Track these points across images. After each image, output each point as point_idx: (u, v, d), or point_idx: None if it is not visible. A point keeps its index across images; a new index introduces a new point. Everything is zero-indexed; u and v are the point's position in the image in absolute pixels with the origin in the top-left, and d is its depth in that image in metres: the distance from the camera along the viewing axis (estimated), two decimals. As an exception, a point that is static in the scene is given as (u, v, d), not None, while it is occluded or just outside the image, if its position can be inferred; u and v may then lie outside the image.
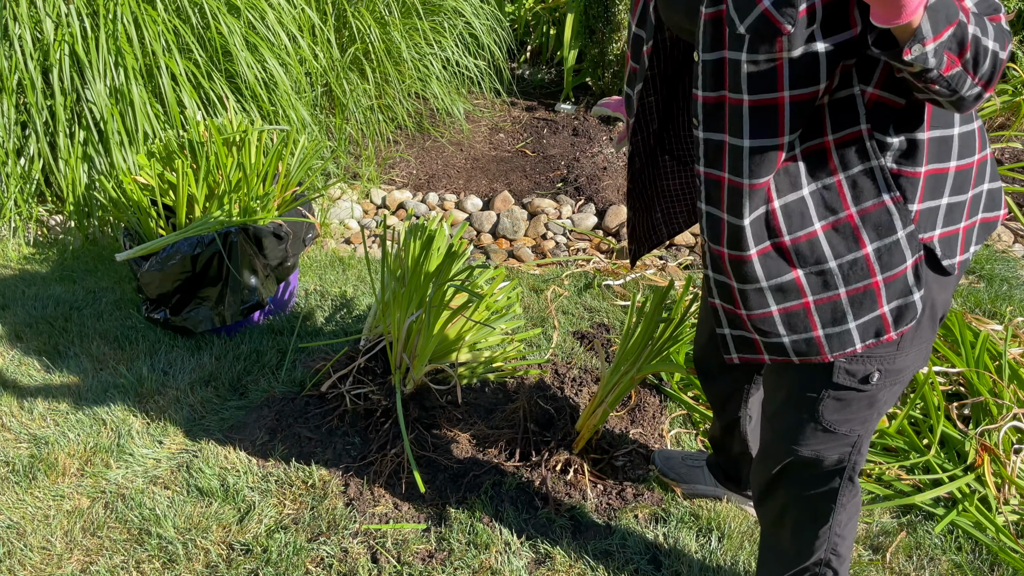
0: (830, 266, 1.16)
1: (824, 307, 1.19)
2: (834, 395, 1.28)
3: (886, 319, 1.18)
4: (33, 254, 3.24)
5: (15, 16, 2.94)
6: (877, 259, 1.14)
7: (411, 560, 1.84)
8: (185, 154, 2.63)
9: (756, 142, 1.08)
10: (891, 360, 1.24)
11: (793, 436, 1.35)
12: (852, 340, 1.20)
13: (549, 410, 2.19)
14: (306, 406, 2.29)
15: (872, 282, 1.16)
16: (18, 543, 1.89)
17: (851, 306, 1.18)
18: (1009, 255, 3.08)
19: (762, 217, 1.15)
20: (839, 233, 1.14)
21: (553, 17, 4.77)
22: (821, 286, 1.17)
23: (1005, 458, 2.02)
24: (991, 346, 2.33)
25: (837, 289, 1.17)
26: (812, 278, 1.17)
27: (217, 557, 1.85)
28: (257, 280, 2.57)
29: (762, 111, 1.06)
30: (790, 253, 1.16)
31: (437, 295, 2.05)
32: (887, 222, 1.13)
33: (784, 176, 1.13)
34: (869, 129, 1.09)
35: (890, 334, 1.19)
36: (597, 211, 3.47)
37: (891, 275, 1.16)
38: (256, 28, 3.23)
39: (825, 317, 1.19)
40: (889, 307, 1.17)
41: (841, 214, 1.13)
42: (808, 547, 1.45)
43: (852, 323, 1.19)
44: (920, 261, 1.16)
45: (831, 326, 1.20)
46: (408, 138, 4.16)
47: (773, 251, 1.17)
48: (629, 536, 1.89)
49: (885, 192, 1.12)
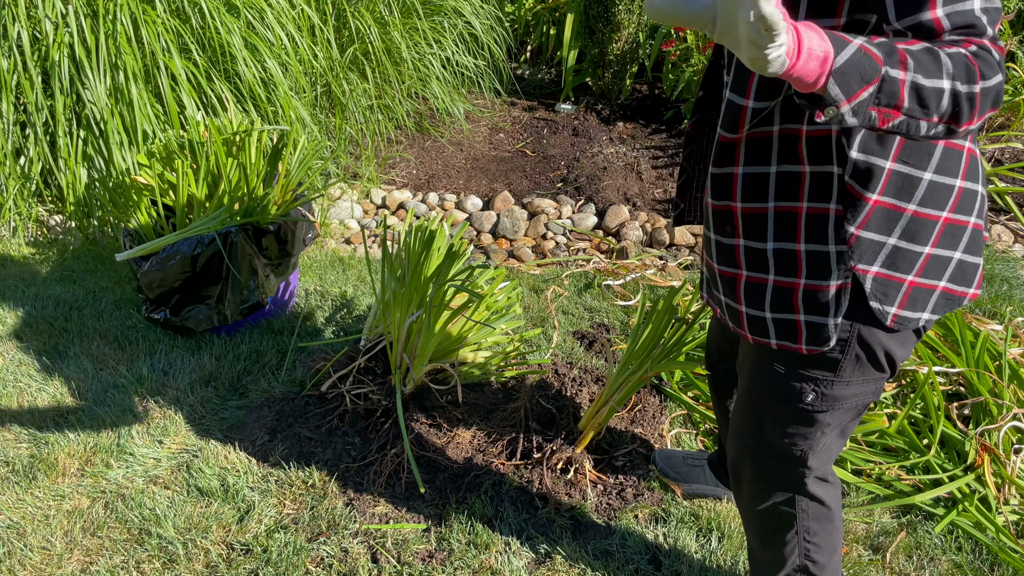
0: (766, 247, 1.18)
1: (752, 285, 1.22)
2: (775, 404, 1.30)
3: (800, 327, 1.19)
4: (33, 254, 3.24)
5: (14, 16, 2.94)
6: (806, 260, 1.15)
7: (411, 560, 1.84)
8: (185, 154, 2.63)
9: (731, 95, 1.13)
10: (828, 385, 1.24)
11: (743, 437, 1.39)
12: (768, 331, 1.23)
13: (551, 409, 2.19)
14: (306, 406, 2.29)
15: (795, 282, 1.17)
16: (18, 543, 1.89)
17: (772, 295, 1.20)
18: (1009, 255, 3.08)
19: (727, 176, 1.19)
20: (784, 220, 1.15)
21: (553, 17, 4.77)
22: (754, 263, 1.20)
23: (1005, 458, 2.02)
24: (991, 346, 2.33)
25: (767, 274, 1.19)
26: (749, 251, 1.20)
27: (217, 557, 1.85)
28: (257, 280, 2.57)
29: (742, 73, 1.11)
30: (738, 220, 1.19)
31: (437, 295, 2.05)
32: (823, 229, 1.13)
33: (755, 148, 1.14)
34: (838, 132, 1.08)
35: (800, 346, 1.20)
36: (597, 211, 3.47)
37: (814, 285, 1.15)
38: (255, 28, 3.23)
39: (750, 296, 1.22)
40: (804, 318, 1.18)
41: (794, 203, 1.14)
42: (779, 552, 1.45)
43: (768, 313, 1.21)
44: (844, 288, 1.14)
45: (752, 307, 1.23)
46: (408, 138, 4.16)
47: (723, 212, 1.21)
48: (629, 536, 1.89)
49: (832, 201, 1.11)
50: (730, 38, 0.83)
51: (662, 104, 4.36)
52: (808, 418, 1.28)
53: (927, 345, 2.37)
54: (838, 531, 1.44)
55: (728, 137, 1.16)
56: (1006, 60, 4.01)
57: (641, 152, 3.88)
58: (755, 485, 1.41)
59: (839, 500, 1.43)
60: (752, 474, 1.40)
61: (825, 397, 1.24)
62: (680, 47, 3.99)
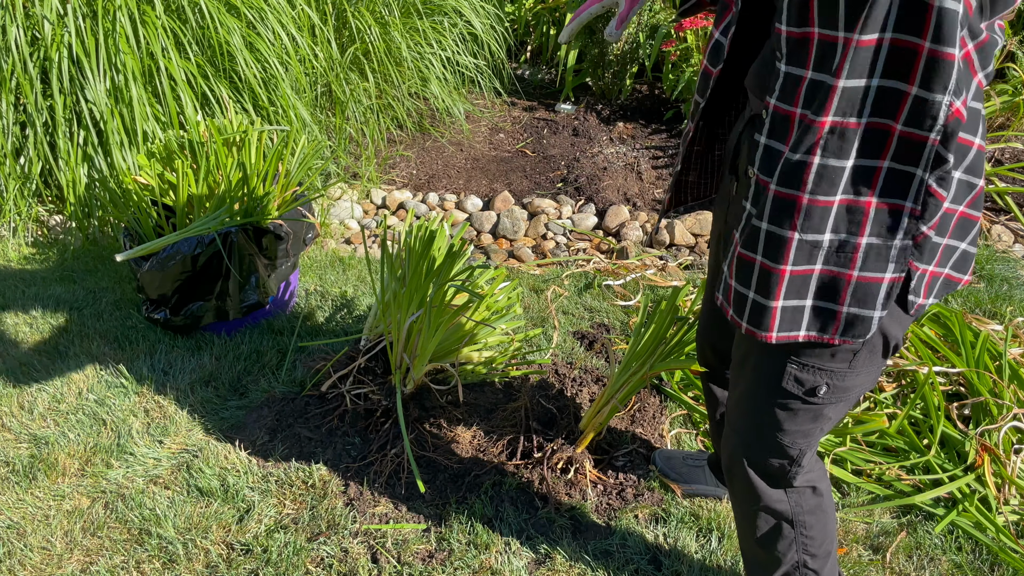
0: (823, 238, 1.14)
1: (795, 279, 1.18)
2: (780, 402, 1.28)
3: (839, 318, 1.17)
4: (33, 254, 3.24)
5: (13, 16, 2.94)
6: (865, 253, 1.13)
7: (411, 560, 1.84)
8: (185, 154, 2.63)
9: (817, 75, 1.07)
10: (841, 377, 1.24)
11: (741, 434, 1.37)
12: (799, 323, 1.19)
13: (551, 409, 2.19)
14: (306, 406, 2.29)
15: (847, 274, 1.15)
16: (18, 543, 1.89)
17: (816, 285, 1.17)
18: (1009, 255, 3.08)
19: (801, 164, 1.12)
20: (850, 212, 1.12)
21: (553, 17, 4.77)
22: (806, 257, 1.16)
23: (1005, 458, 2.02)
24: (991, 346, 2.33)
25: (814, 264, 1.16)
26: (803, 246, 1.16)
27: (217, 557, 1.85)
28: (257, 280, 2.57)
29: (826, 47, 1.05)
30: (799, 211, 1.14)
31: (437, 295, 2.05)
32: (894, 225, 1.11)
33: (837, 140, 1.09)
34: (936, 140, 1.06)
35: (833, 337, 1.18)
36: (597, 211, 3.47)
37: (866, 277, 1.14)
38: (256, 28, 3.23)
39: (791, 289, 1.18)
40: (847, 310, 1.16)
41: (863, 197, 1.11)
42: (776, 551, 1.44)
43: (809, 302, 1.18)
44: (897, 282, 1.14)
45: (791, 298, 1.19)
46: (408, 138, 4.16)
47: (785, 200, 1.15)
48: (629, 536, 1.89)
49: (911, 200, 1.10)
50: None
51: (662, 104, 4.36)
52: (814, 413, 1.28)
53: (927, 345, 2.37)
54: (831, 519, 1.44)
55: (812, 119, 1.10)
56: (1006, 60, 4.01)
57: (641, 152, 3.88)
58: (748, 487, 1.40)
59: (828, 486, 1.43)
60: (746, 476, 1.40)
61: (836, 389, 1.25)
62: (680, 47, 3.99)
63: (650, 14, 4.22)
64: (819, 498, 1.40)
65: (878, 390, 2.28)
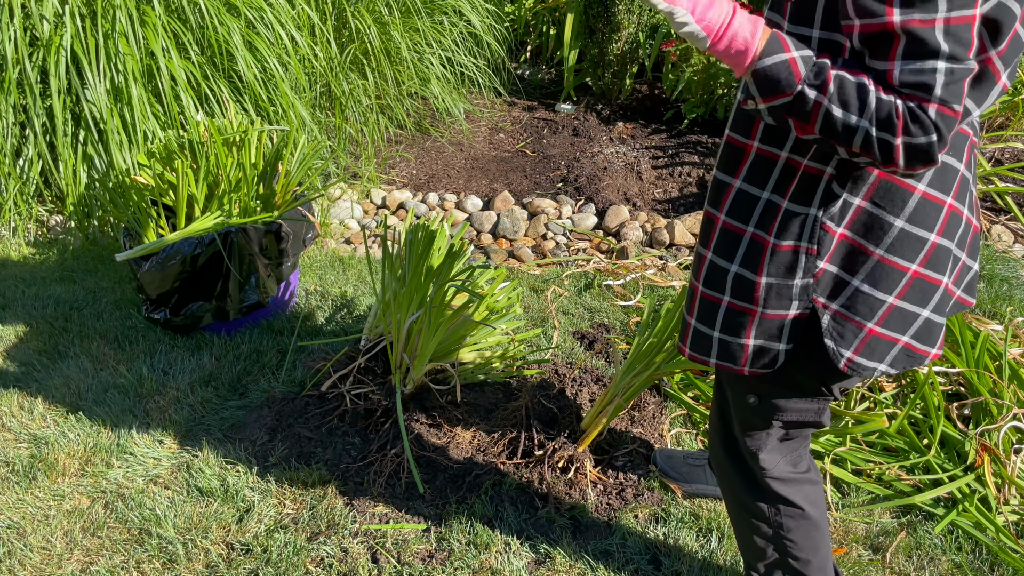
0: (730, 267, 1.18)
1: (705, 302, 1.23)
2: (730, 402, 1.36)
3: (746, 350, 1.21)
4: (33, 254, 3.24)
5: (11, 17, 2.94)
6: (765, 292, 1.16)
7: (411, 560, 1.84)
8: (185, 154, 2.63)
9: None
10: (768, 395, 1.29)
11: (713, 428, 1.46)
12: (710, 349, 1.24)
13: (552, 408, 2.19)
14: (306, 406, 2.29)
15: (752, 310, 1.18)
16: (18, 543, 1.89)
17: (724, 317, 1.21)
18: (1009, 255, 3.08)
19: (723, 185, 1.19)
20: (752, 247, 1.16)
21: (553, 17, 4.77)
22: (714, 281, 1.21)
23: (1005, 458, 2.02)
24: (991, 346, 2.33)
25: (723, 294, 1.20)
26: (712, 267, 1.21)
27: (217, 557, 1.85)
28: (257, 280, 2.57)
29: None
30: (715, 231, 1.20)
31: (438, 295, 2.05)
32: (791, 265, 1.14)
33: (758, 169, 1.14)
34: (831, 176, 1.09)
35: (743, 368, 1.22)
36: (597, 211, 3.47)
37: (770, 314, 1.17)
38: (255, 27, 3.23)
39: (702, 311, 1.24)
40: (753, 342, 1.19)
41: (764, 234, 1.15)
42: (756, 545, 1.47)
43: (716, 333, 1.23)
44: (801, 318, 1.16)
45: (701, 323, 1.24)
46: (408, 138, 4.16)
47: (708, 220, 1.22)
48: (629, 536, 1.89)
49: (805, 240, 1.12)
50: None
51: (662, 104, 4.36)
52: (754, 418, 1.33)
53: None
54: (818, 529, 1.44)
55: (740, 141, 1.16)
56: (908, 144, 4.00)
57: (641, 152, 3.88)
58: (726, 473, 1.47)
59: (815, 499, 1.43)
60: (723, 462, 1.46)
61: (767, 405, 1.30)
62: (680, 47, 3.99)
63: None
64: (798, 510, 1.42)
65: (878, 390, 2.28)
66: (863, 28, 0.94)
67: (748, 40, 0.96)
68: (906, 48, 0.92)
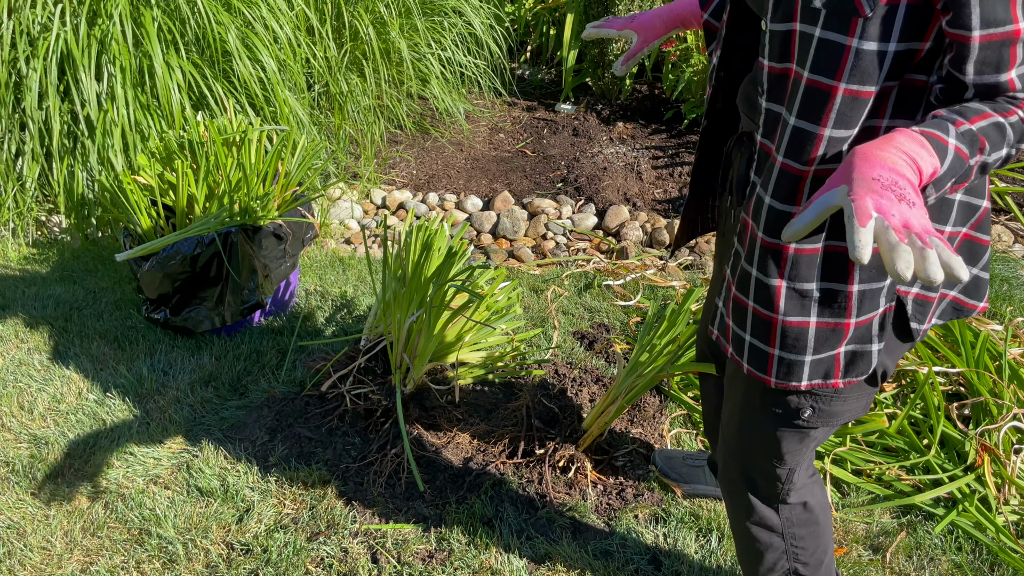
0: (811, 287, 1.10)
1: (790, 330, 1.14)
2: (766, 423, 1.26)
3: (839, 361, 1.14)
4: (33, 254, 3.24)
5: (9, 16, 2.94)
6: (859, 300, 1.10)
7: (411, 560, 1.84)
8: (185, 154, 2.63)
9: (801, 123, 1.03)
10: (827, 402, 1.21)
11: (732, 450, 1.37)
12: (800, 374, 1.16)
13: (553, 408, 2.19)
14: (306, 406, 2.29)
15: (844, 323, 1.12)
16: (18, 543, 1.89)
17: (815, 339, 1.13)
18: (1009, 255, 3.08)
19: (778, 215, 1.09)
20: (837, 259, 1.09)
21: (553, 17, 4.77)
22: (798, 307, 1.12)
23: (1005, 458, 2.02)
24: (991, 346, 2.33)
25: (808, 316, 1.12)
26: (791, 294, 1.12)
27: (217, 557, 1.85)
28: (257, 280, 2.57)
29: (815, 94, 1.01)
30: (786, 261, 1.10)
31: (437, 295, 2.05)
32: (881, 266, 1.08)
33: (819, 183, 1.06)
34: None
35: (837, 380, 1.16)
36: (597, 211, 3.47)
37: (862, 320, 1.12)
38: (254, 28, 3.23)
39: (787, 340, 1.14)
40: (845, 349, 1.14)
41: (843, 243, 1.08)
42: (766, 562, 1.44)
43: (808, 356, 1.15)
44: (889, 312, 1.12)
45: (787, 351, 1.15)
46: (408, 138, 4.16)
47: (772, 250, 1.11)
48: (629, 536, 1.89)
49: None
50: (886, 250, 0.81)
51: (662, 104, 4.37)
52: (800, 435, 1.27)
53: (927, 345, 2.37)
54: (825, 531, 1.43)
55: (796, 168, 1.06)
56: None
57: (641, 152, 3.88)
58: (740, 499, 1.40)
59: (823, 501, 1.42)
60: (738, 489, 1.40)
61: (822, 413, 1.23)
62: (680, 47, 3.99)
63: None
64: (810, 513, 1.40)
65: (878, 390, 2.28)
66: (985, 38, 0.91)
67: (932, 161, 0.89)
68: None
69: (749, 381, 1.27)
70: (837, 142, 1.03)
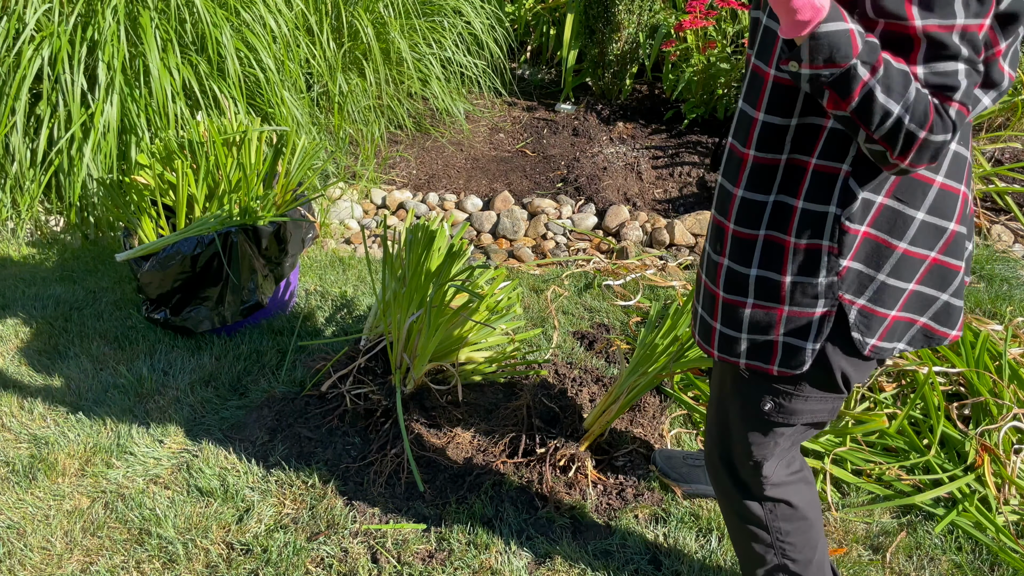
0: (749, 272, 1.19)
1: (728, 307, 1.23)
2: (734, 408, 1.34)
3: (776, 349, 1.21)
4: (33, 254, 3.24)
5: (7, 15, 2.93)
6: (790, 291, 1.16)
7: (411, 560, 1.84)
8: (185, 154, 2.63)
9: (744, 106, 1.14)
10: (787, 398, 1.27)
11: (712, 437, 1.44)
12: (738, 351, 1.24)
13: (553, 408, 2.19)
14: (306, 406, 2.29)
15: (779, 308, 1.18)
16: (18, 543, 1.89)
17: (751, 320, 1.21)
18: (1009, 255, 3.08)
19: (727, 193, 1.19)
20: (770, 249, 1.16)
21: (553, 17, 4.77)
22: (735, 285, 1.21)
23: (1005, 458, 2.02)
24: (991, 346, 2.33)
25: (747, 297, 1.20)
26: (730, 273, 1.21)
27: (217, 557, 1.85)
28: (257, 280, 2.57)
29: (755, 78, 1.11)
30: (727, 241, 1.20)
31: (438, 295, 2.05)
32: (814, 264, 1.14)
33: (759, 174, 1.14)
34: (848, 172, 1.09)
35: (772, 367, 1.22)
36: (597, 211, 3.47)
37: (797, 311, 1.17)
38: (254, 28, 3.23)
39: (726, 316, 1.24)
40: (783, 340, 1.20)
41: (782, 235, 1.15)
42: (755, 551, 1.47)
43: (744, 335, 1.23)
44: (829, 316, 1.17)
45: (727, 327, 1.24)
46: (408, 138, 4.16)
47: (719, 228, 1.22)
48: (629, 536, 1.89)
49: (826, 239, 1.12)
50: None
51: (662, 104, 4.36)
52: (764, 427, 1.32)
53: (927, 345, 2.37)
54: (814, 529, 1.45)
55: (739, 150, 1.16)
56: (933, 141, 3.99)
57: (641, 152, 3.88)
58: (722, 485, 1.45)
59: (810, 499, 1.44)
60: (719, 475, 1.45)
61: (782, 409, 1.28)
62: (680, 47, 3.99)
63: (650, 14, 4.22)
64: (794, 510, 1.43)
65: (878, 390, 2.28)
66: (886, 27, 0.95)
67: (824, 2, 0.91)
68: (928, 52, 0.94)
69: (724, 367, 1.34)
70: (772, 128, 1.10)
